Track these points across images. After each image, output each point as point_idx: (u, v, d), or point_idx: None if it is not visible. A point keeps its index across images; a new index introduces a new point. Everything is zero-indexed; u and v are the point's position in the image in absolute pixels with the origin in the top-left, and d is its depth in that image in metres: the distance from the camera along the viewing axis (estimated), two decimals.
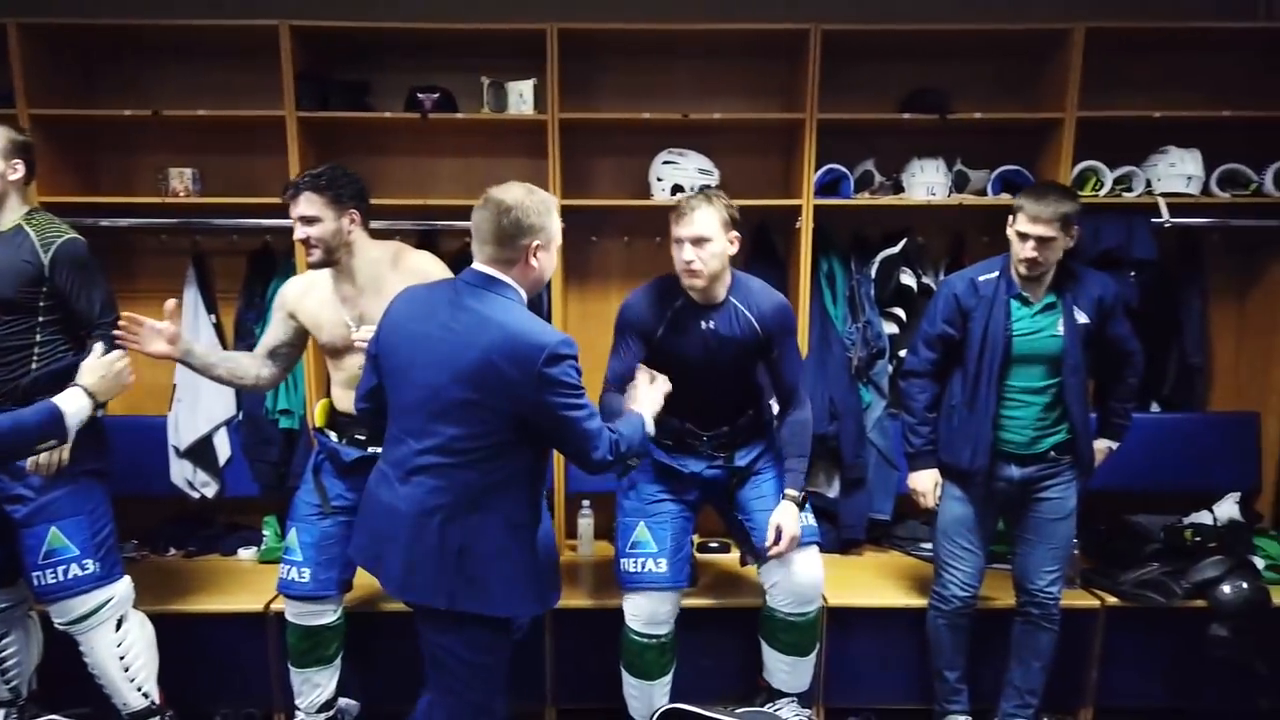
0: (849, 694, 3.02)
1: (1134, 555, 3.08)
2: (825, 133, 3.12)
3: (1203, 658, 2.85)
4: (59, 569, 2.42)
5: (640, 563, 2.56)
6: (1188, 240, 3.43)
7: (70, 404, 2.08)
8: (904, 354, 3.09)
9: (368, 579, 2.29)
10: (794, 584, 2.56)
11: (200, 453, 3.35)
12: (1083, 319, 2.55)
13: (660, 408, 2.28)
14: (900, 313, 3.37)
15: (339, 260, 2.43)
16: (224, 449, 3.36)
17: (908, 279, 3.31)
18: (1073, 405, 2.57)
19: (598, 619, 2.84)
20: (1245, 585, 2.83)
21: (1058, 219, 2.41)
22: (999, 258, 2.63)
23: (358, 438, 2.55)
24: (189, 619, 2.90)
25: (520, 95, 3.15)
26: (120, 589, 2.53)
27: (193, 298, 3.36)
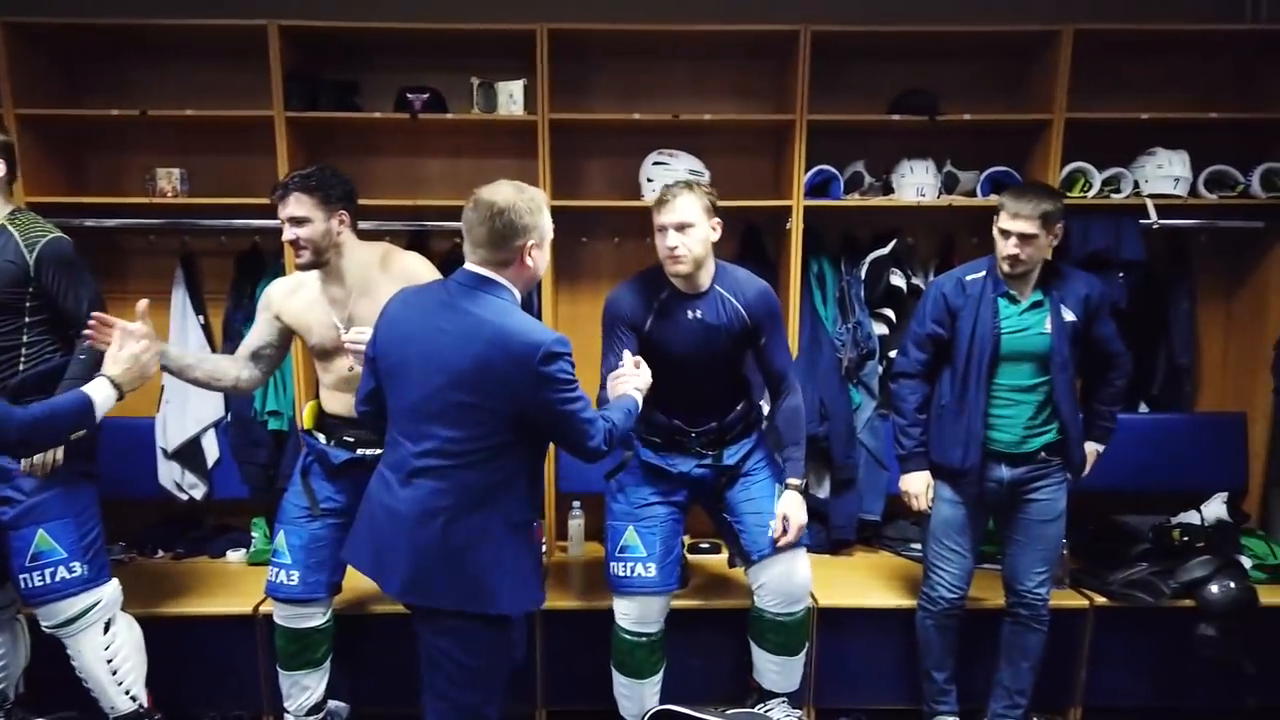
0: (839, 694, 3.02)
1: (1122, 555, 3.09)
2: (815, 134, 3.12)
3: (1191, 657, 2.86)
4: (46, 571, 2.41)
5: (629, 567, 2.56)
6: (1175, 241, 3.45)
7: (99, 394, 2.05)
8: (894, 355, 3.10)
9: (357, 581, 2.28)
10: (781, 584, 2.56)
11: (188, 454, 3.34)
12: (1070, 317, 2.57)
13: (648, 385, 2.26)
14: (890, 314, 3.37)
15: (328, 261, 2.41)
16: (212, 451, 3.35)
17: (897, 280, 3.32)
18: (1061, 403, 2.58)
19: (588, 620, 2.84)
20: (1233, 585, 2.85)
21: (1038, 216, 2.44)
22: (986, 258, 2.65)
23: (346, 440, 2.53)
24: (177, 622, 2.89)
25: (510, 96, 3.15)
26: (108, 591, 2.52)
27: (181, 299, 3.35)
